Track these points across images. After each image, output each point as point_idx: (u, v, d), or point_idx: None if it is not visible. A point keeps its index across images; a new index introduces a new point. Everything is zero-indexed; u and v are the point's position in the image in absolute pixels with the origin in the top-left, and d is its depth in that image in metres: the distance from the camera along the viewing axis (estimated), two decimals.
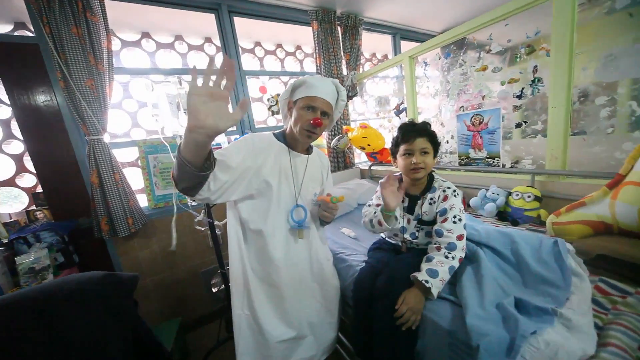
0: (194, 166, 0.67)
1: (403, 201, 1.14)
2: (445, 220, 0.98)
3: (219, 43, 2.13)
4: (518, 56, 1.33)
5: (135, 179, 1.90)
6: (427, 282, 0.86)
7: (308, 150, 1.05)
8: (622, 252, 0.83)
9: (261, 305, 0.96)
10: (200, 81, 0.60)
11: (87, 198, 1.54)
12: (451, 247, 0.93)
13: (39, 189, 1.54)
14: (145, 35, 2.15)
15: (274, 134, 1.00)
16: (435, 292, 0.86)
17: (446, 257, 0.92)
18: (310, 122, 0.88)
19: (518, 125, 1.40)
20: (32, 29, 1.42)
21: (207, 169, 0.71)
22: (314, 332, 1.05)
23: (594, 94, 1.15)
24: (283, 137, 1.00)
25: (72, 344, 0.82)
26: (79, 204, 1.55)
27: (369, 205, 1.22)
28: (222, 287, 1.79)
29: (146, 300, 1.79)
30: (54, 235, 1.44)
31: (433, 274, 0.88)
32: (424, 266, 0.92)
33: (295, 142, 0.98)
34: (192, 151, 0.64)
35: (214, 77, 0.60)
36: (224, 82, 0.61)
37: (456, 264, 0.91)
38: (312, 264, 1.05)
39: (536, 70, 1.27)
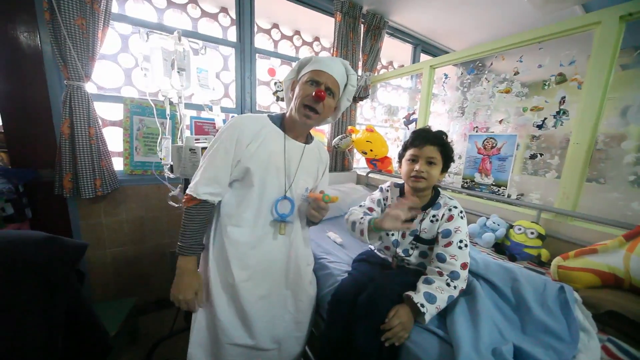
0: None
1: None
2: (449, 244, 0.87)
3: (234, 15, 1.99)
4: (547, 84, 1.25)
5: (116, 140, 1.74)
6: (422, 305, 0.76)
7: (307, 140, 0.93)
8: (635, 312, 0.74)
9: (221, 301, 0.85)
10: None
11: (54, 149, 1.37)
12: (454, 276, 0.82)
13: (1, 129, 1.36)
14: None
15: (269, 116, 0.89)
16: (428, 318, 0.76)
17: (448, 284, 0.81)
18: (311, 96, 0.77)
19: (532, 157, 1.32)
20: None
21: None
22: (278, 345, 0.93)
23: (621, 137, 1.07)
24: (280, 121, 0.88)
25: None
26: (43, 154, 1.38)
27: (360, 206, 1.12)
28: None
29: (101, 273, 1.62)
30: (6, 182, 1.26)
31: (431, 299, 0.77)
32: (422, 287, 0.81)
33: (293, 126, 0.87)
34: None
35: None
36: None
37: (456, 294, 0.81)
38: (289, 267, 0.92)
39: (563, 101, 1.20)
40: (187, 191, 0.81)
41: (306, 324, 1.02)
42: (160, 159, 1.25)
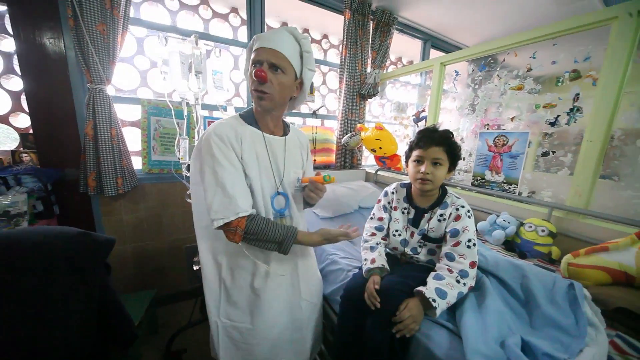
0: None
1: (408, 213, 1.06)
2: (457, 243, 0.89)
3: (245, 15, 2.02)
4: (561, 80, 1.24)
5: (133, 139, 1.81)
6: (434, 300, 0.78)
7: (284, 131, 0.91)
8: None
9: (242, 311, 0.87)
10: None
11: (79, 149, 1.45)
12: (463, 274, 0.85)
13: (31, 131, 1.44)
14: None
15: (240, 115, 0.84)
16: (438, 312, 0.79)
17: (457, 281, 0.84)
18: (253, 79, 0.72)
19: (545, 154, 1.31)
20: None
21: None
22: (300, 331, 0.97)
23: (636, 134, 1.06)
24: (253, 117, 0.85)
25: (21, 300, 0.74)
26: (69, 154, 1.46)
27: (371, 218, 1.15)
28: None
29: (122, 266, 1.71)
30: (37, 181, 1.35)
31: (442, 294, 0.80)
32: (432, 284, 0.83)
33: (263, 119, 0.83)
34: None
35: None
36: None
37: (465, 291, 0.84)
38: (297, 257, 0.94)
39: (577, 98, 1.18)
40: (227, 220, 0.72)
41: (319, 305, 1.05)
42: (179, 158, 1.31)
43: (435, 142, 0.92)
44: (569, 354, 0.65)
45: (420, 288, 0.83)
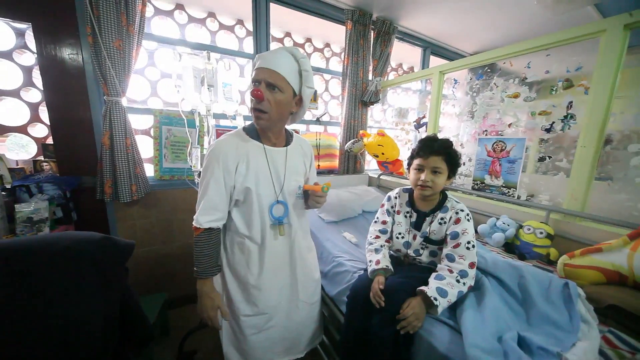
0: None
1: (411, 216, 1.11)
2: (457, 245, 0.94)
3: (250, 27, 2.11)
4: (554, 89, 1.29)
5: (145, 147, 1.88)
6: (435, 299, 0.83)
7: (287, 141, 0.97)
8: (635, 306, 0.79)
9: (240, 302, 0.94)
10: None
11: (95, 158, 1.52)
12: (463, 274, 0.90)
13: (50, 141, 1.52)
14: (179, 6, 2.13)
15: (244, 129, 0.91)
16: (440, 310, 0.84)
17: (457, 281, 0.89)
18: (252, 98, 0.79)
19: (541, 159, 1.37)
20: None
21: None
22: (298, 328, 1.02)
23: (628, 139, 1.11)
24: (255, 131, 0.91)
25: (53, 301, 0.80)
26: (86, 163, 1.54)
27: (375, 222, 1.20)
28: None
29: (135, 270, 1.77)
30: (57, 189, 1.42)
31: (443, 293, 0.85)
32: (434, 283, 0.88)
33: (264, 132, 0.89)
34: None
35: None
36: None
37: (465, 290, 0.89)
38: (295, 261, 0.99)
39: (571, 106, 1.24)
40: (193, 222, 0.88)
41: (317, 304, 1.11)
42: (191, 166, 1.37)
43: (435, 151, 0.98)
44: (562, 347, 0.69)
45: (423, 287, 0.88)
